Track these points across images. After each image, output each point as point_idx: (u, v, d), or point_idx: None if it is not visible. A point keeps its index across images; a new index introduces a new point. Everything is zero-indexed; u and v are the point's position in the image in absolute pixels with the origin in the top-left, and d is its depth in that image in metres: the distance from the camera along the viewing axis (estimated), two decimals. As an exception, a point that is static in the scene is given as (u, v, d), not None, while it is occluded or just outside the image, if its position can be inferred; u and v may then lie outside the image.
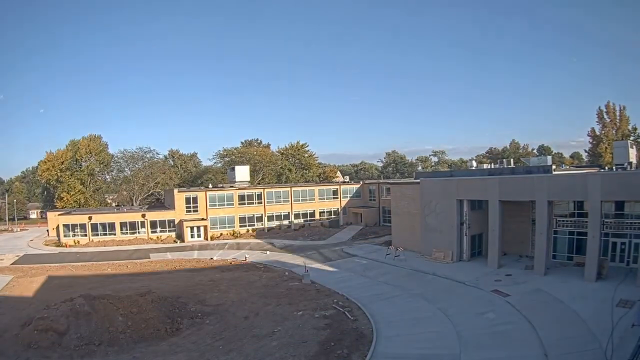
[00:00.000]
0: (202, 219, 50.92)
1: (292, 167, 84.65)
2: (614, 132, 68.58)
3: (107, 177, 79.65)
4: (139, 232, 49.95)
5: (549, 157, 39.71)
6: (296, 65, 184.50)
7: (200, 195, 52.55)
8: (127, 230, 49.64)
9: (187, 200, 51.87)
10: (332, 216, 59.12)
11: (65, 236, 47.99)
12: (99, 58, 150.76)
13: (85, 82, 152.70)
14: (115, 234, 49.08)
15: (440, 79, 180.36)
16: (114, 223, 49.60)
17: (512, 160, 49.36)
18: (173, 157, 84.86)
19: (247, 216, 54.31)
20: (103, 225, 49.32)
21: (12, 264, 38.43)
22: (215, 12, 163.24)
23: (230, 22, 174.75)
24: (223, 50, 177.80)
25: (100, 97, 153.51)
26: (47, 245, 48.98)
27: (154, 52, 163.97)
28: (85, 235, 48.37)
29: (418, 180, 38.96)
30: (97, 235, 48.70)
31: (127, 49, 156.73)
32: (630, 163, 34.58)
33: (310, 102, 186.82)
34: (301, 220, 57.13)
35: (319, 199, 59.28)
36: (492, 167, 42.52)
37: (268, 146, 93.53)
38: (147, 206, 63.91)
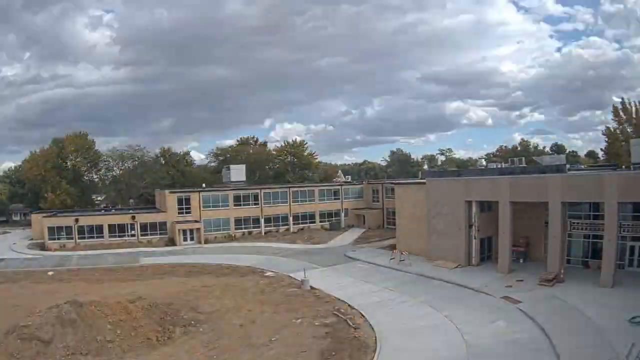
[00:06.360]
0: (195, 221, 50.87)
1: (291, 167, 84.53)
2: (630, 129, 68.52)
3: (95, 176, 79.47)
4: (128, 235, 49.81)
5: (563, 156, 39.74)
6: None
7: (193, 196, 52.45)
8: (115, 233, 49.44)
9: (179, 201, 51.66)
10: (333, 218, 58.91)
11: (50, 239, 47.87)
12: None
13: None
14: (103, 237, 48.85)
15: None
16: (102, 225, 49.38)
17: (523, 159, 49.31)
18: (164, 156, 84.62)
19: (243, 218, 54.11)
20: (90, 227, 49.02)
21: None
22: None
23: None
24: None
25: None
26: (30, 248, 48.89)
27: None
28: (72, 238, 48.18)
29: (424, 180, 38.95)
30: (84, 238, 48.47)
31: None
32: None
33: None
34: (300, 223, 57.00)
35: (319, 199, 59.08)
36: (503, 166, 42.53)
37: (265, 144, 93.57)
38: (137, 208, 63.77)
